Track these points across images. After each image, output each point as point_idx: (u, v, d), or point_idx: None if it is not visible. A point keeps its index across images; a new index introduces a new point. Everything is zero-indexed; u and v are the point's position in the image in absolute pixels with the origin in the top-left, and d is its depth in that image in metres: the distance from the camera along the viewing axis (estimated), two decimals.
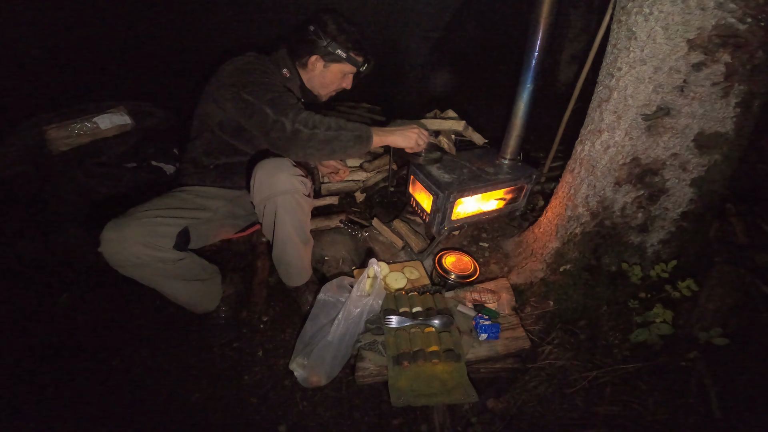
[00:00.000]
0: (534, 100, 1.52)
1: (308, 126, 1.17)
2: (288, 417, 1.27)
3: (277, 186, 1.21)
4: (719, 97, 1.12)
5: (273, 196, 1.22)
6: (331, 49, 1.33)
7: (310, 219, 1.41)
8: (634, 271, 1.36)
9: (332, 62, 1.36)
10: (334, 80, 1.42)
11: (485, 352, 1.32)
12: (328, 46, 1.32)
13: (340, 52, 1.33)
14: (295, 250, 1.38)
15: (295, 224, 1.31)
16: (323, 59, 1.36)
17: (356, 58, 1.37)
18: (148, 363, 1.40)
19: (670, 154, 1.23)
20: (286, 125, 1.16)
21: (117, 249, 1.09)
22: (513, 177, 1.65)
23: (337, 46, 1.33)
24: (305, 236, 1.39)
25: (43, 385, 1.30)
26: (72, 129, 1.73)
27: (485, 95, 3.67)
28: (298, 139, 1.17)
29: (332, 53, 1.33)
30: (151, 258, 1.13)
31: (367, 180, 2.11)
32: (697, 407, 1.13)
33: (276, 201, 1.23)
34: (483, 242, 1.81)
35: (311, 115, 1.20)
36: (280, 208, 1.25)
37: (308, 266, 1.51)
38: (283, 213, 1.26)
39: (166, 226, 1.17)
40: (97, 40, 1.91)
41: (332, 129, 1.20)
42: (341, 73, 1.40)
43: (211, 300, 1.46)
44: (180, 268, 1.24)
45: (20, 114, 1.81)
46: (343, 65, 1.38)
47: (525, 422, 1.18)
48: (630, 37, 1.17)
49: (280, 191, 1.22)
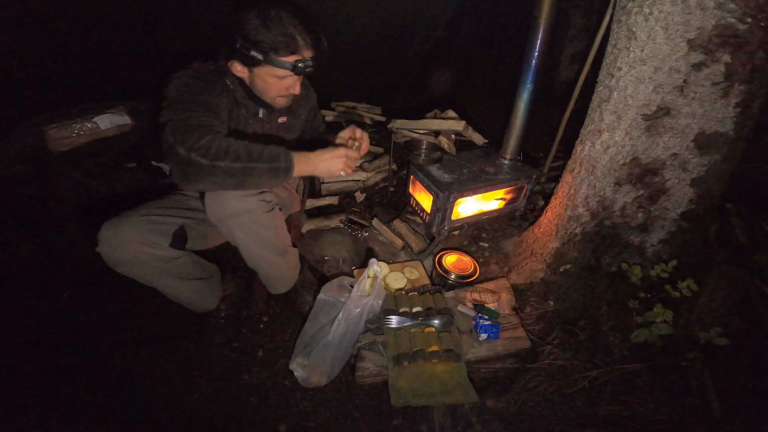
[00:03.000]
0: (534, 100, 1.52)
1: (208, 157, 0.96)
2: (288, 417, 1.27)
3: (226, 209, 1.11)
4: (719, 97, 1.12)
5: (224, 218, 1.13)
6: (245, 52, 1.09)
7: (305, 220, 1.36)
8: (634, 271, 1.36)
9: (254, 66, 1.14)
10: (269, 86, 1.19)
11: (485, 352, 1.32)
12: (241, 48, 1.09)
13: (256, 54, 1.09)
14: (268, 263, 1.32)
15: (260, 241, 1.22)
16: (242, 64, 1.15)
17: (281, 59, 1.10)
18: (148, 363, 1.40)
19: (670, 154, 1.23)
20: (182, 154, 0.95)
21: (113, 247, 1.09)
22: (513, 177, 1.65)
23: (250, 48, 1.08)
24: (277, 249, 1.30)
25: (43, 385, 1.30)
26: (72, 129, 1.73)
27: (485, 95, 3.67)
28: (193, 171, 0.97)
29: (248, 56, 1.10)
30: (148, 256, 1.12)
31: (367, 180, 2.11)
32: (697, 407, 1.13)
33: (229, 224, 1.14)
34: (483, 242, 1.81)
35: (217, 143, 0.98)
36: (237, 229, 1.16)
37: (289, 275, 1.46)
38: (242, 234, 1.18)
39: (162, 224, 1.16)
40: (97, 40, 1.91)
41: (241, 160, 0.99)
42: (272, 77, 1.16)
43: (212, 299, 1.45)
44: (177, 266, 1.23)
45: (20, 114, 1.81)
46: (267, 69, 1.13)
47: (525, 422, 1.18)
48: (630, 37, 1.17)
49: (230, 214, 1.12)
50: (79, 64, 2.00)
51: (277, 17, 1.08)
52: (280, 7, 1.08)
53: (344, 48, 2.30)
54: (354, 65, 2.49)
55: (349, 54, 2.36)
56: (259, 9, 1.07)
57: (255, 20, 1.06)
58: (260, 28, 1.06)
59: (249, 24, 1.07)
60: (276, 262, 1.35)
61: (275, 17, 1.07)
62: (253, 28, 1.07)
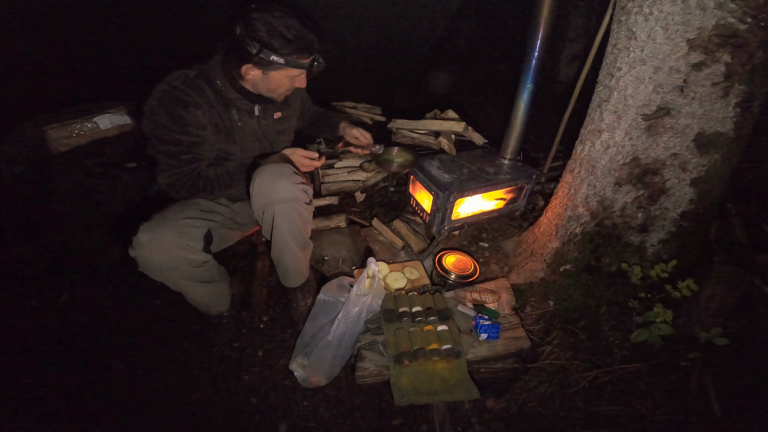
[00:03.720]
0: (534, 100, 1.52)
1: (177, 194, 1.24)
2: (288, 417, 1.27)
3: (275, 194, 1.19)
4: (719, 97, 1.12)
5: (271, 203, 1.20)
6: (264, 57, 1.11)
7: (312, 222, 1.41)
8: (634, 271, 1.35)
9: (270, 70, 1.16)
10: (281, 85, 1.23)
11: (485, 352, 1.32)
12: (259, 53, 1.10)
13: (276, 58, 1.11)
14: (292, 254, 1.37)
15: (293, 231, 1.29)
16: (257, 67, 1.15)
17: (300, 60, 1.16)
18: (148, 363, 1.41)
19: (670, 154, 1.23)
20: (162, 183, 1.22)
21: (153, 251, 1.09)
22: (513, 177, 1.65)
23: (270, 53, 1.11)
24: (303, 242, 1.38)
25: (43, 385, 1.30)
26: (72, 129, 1.73)
27: (485, 95, 3.67)
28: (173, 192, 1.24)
29: (266, 60, 1.12)
30: (183, 260, 1.14)
31: (367, 180, 2.11)
32: (697, 407, 1.13)
33: (274, 208, 1.21)
34: (483, 242, 1.81)
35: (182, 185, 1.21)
36: (278, 216, 1.23)
37: (305, 269, 1.51)
38: (281, 221, 1.25)
39: (195, 228, 1.18)
40: (97, 40, 1.91)
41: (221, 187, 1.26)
42: (285, 77, 1.20)
43: (225, 301, 1.46)
44: (205, 270, 1.25)
45: (20, 114, 1.81)
46: (285, 71, 1.17)
47: (525, 422, 1.18)
48: (630, 37, 1.17)
49: (278, 199, 1.20)
50: (79, 64, 2.00)
51: (283, 19, 1.11)
52: (287, 14, 1.12)
53: (344, 48, 2.30)
54: (354, 65, 2.49)
55: (349, 54, 2.36)
56: (262, 14, 1.09)
57: (264, 26, 1.09)
58: (273, 34, 1.10)
59: (260, 30, 1.09)
60: (298, 255, 1.40)
61: (280, 21, 1.10)
62: (266, 34, 1.09)
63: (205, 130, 1.20)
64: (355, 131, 1.57)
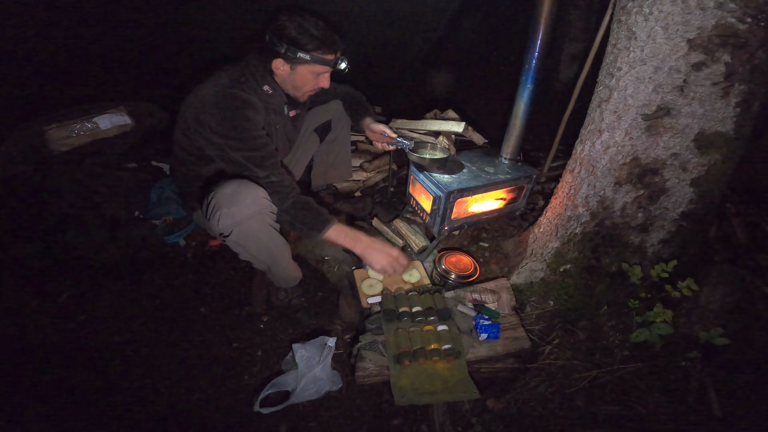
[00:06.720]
0: (534, 100, 1.52)
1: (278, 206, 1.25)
2: (288, 417, 1.27)
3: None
4: (719, 97, 1.12)
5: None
6: (291, 54, 1.24)
7: None
8: (634, 271, 1.35)
9: (298, 65, 1.28)
10: (306, 82, 1.34)
11: (485, 352, 1.32)
12: (287, 51, 1.23)
13: (302, 54, 1.24)
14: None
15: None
16: (287, 63, 1.27)
17: (324, 57, 1.28)
18: (148, 363, 1.40)
19: (670, 154, 1.23)
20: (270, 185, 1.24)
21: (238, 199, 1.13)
22: (513, 177, 1.65)
23: (297, 50, 1.23)
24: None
25: (43, 385, 1.30)
26: (72, 129, 1.73)
27: (485, 95, 3.67)
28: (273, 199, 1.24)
29: (294, 57, 1.24)
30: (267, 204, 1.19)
31: (367, 180, 2.11)
32: (697, 407, 1.13)
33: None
34: (483, 242, 1.81)
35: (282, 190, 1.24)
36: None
37: (294, 268, 1.52)
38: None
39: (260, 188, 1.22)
40: (97, 40, 1.91)
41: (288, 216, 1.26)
42: (311, 74, 1.32)
43: (296, 267, 1.52)
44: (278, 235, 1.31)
45: (20, 114, 1.81)
46: (311, 66, 1.29)
47: (525, 422, 1.18)
48: (630, 37, 1.17)
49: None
50: (79, 64, 2.00)
51: (310, 20, 1.24)
52: (312, 15, 1.26)
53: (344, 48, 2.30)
54: (354, 65, 2.50)
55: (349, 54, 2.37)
56: (290, 17, 1.23)
57: (293, 25, 1.22)
58: (301, 32, 1.22)
59: (289, 29, 1.22)
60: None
61: (314, 23, 1.24)
62: (294, 33, 1.22)
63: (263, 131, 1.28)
64: (380, 128, 1.64)
